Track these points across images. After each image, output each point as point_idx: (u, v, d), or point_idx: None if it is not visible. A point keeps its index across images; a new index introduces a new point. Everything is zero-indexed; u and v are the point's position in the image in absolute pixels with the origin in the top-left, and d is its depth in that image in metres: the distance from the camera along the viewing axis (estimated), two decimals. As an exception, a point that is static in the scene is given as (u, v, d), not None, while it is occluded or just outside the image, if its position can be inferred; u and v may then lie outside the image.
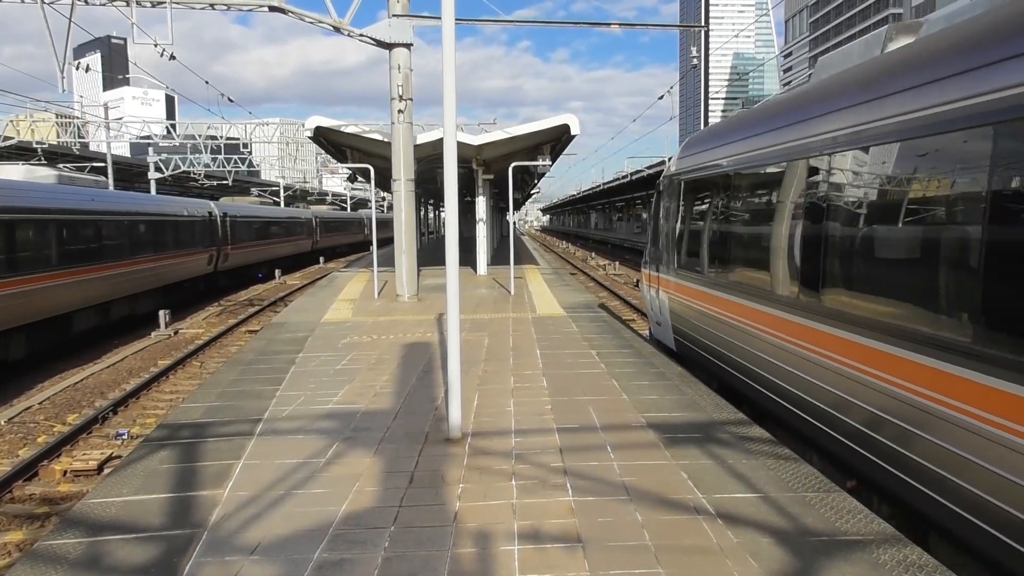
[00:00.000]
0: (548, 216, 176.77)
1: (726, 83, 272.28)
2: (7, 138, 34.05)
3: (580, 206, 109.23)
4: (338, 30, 16.21)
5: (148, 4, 15.67)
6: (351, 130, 19.40)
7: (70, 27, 15.16)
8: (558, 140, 21.83)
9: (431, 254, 33.00)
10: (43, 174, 19.18)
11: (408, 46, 16.51)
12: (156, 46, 15.89)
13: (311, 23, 16.32)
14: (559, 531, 4.77)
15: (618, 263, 44.94)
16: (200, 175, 46.69)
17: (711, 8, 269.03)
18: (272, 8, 16.01)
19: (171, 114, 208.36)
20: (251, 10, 16.31)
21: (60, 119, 43.39)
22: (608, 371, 9.45)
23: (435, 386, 8.81)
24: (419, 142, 18.75)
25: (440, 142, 16.94)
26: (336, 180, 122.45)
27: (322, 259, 51.69)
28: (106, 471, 9.37)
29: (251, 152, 47.56)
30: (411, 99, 16.78)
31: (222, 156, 44.75)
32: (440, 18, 6.59)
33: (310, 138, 20.25)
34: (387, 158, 17.38)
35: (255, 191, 61.80)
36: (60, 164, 36.94)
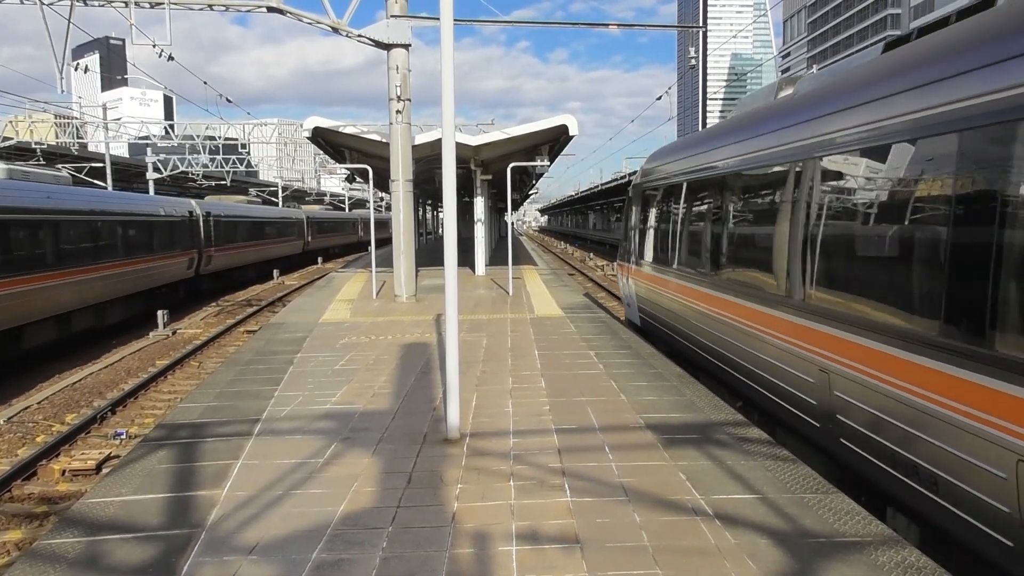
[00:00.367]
0: (546, 217, 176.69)
1: (724, 83, 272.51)
2: (6, 138, 34.03)
3: (578, 207, 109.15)
4: (336, 31, 16.21)
5: (147, 5, 15.67)
6: (349, 131, 19.40)
7: (69, 28, 15.17)
8: (556, 141, 21.84)
9: (429, 255, 33.00)
10: None
11: (406, 47, 16.51)
12: (154, 47, 15.89)
13: (309, 24, 16.32)
14: (557, 532, 4.78)
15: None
16: (198, 175, 46.65)
17: (709, 8, 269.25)
18: (270, 9, 16.02)
19: (169, 115, 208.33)
20: (249, 11, 16.31)
21: (59, 119, 43.37)
22: (606, 372, 9.46)
23: (433, 387, 8.81)
24: (417, 143, 18.76)
25: (438, 143, 17.02)
26: (335, 181, 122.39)
27: (320, 259, 51.71)
28: (105, 471, 9.38)
29: (249, 152, 47.57)
30: (409, 100, 16.78)
31: (220, 156, 44.69)
32: (438, 19, 6.59)
33: (308, 139, 20.26)
34: (385, 159, 17.38)
35: (253, 191, 61.78)
36: (59, 164, 36.97)
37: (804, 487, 5.45)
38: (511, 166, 19.18)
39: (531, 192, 64.87)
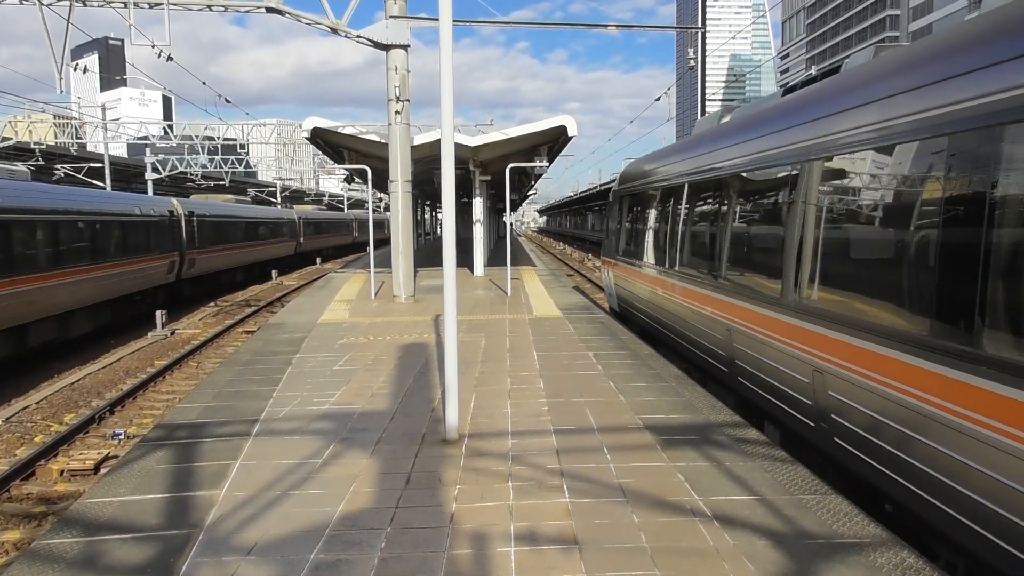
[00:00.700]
0: (545, 217, 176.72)
1: (723, 84, 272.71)
2: (5, 139, 33.99)
3: (577, 207, 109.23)
4: (335, 31, 16.21)
5: (146, 5, 15.67)
6: (348, 131, 19.40)
7: (68, 28, 15.15)
8: (555, 141, 21.85)
9: (428, 255, 33.00)
10: None
11: (405, 47, 16.51)
12: (153, 47, 15.89)
13: (308, 24, 16.31)
14: (556, 533, 4.78)
15: (615, 264, 44.91)
16: (197, 176, 46.62)
17: (708, 9, 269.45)
18: (269, 9, 16.02)
19: (168, 115, 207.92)
20: (248, 11, 16.32)
21: (58, 120, 43.35)
22: (605, 372, 9.47)
23: (432, 387, 8.81)
24: (416, 143, 18.76)
25: (437, 143, 17.01)
26: (333, 181, 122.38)
27: (319, 259, 51.66)
28: (103, 471, 9.37)
29: (248, 153, 47.53)
30: (408, 100, 16.78)
31: (219, 157, 44.63)
32: (437, 19, 6.60)
33: (307, 139, 20.27)
34: (384, 159, 17.38)
35: (252, 191, 61.73)
36: (58, 164, 36.98)
37: (803, 488, 5.46)
38: (510, 167, 19.19)
39: (530, 193, 64.79)
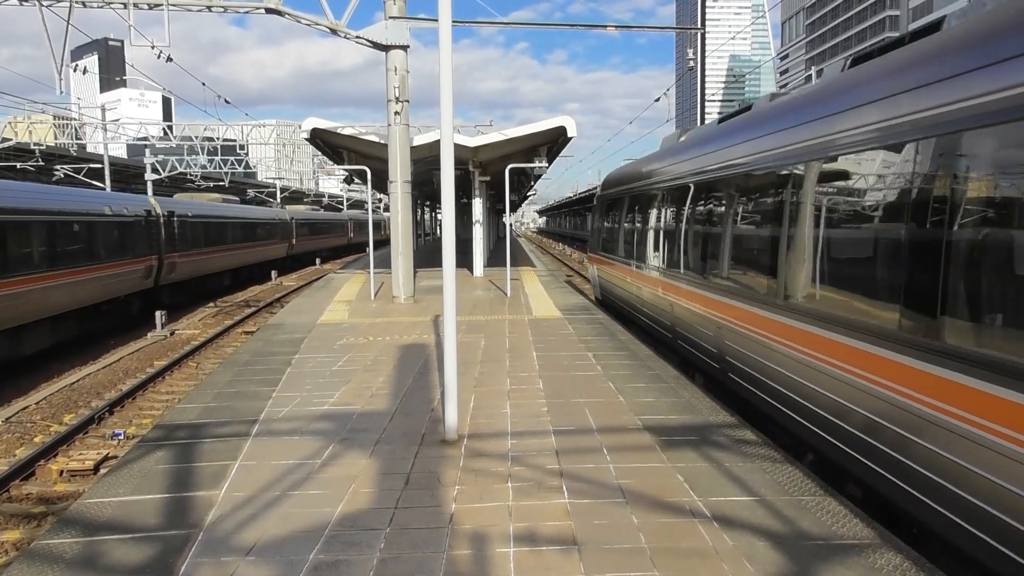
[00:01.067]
0: (544, 218, 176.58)
1: (723, 85, 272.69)
2: (5, 139, 33.96)
3: (576, 208, 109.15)
4: (335, 32, 16.21)
5: (145, 6, 15.67)
6: (348, 132, 19.41)
7: (68, 29, 15.14)
8: (555, 142, 21.85)
9: (428, 256, 33.00)
10: None
11: (405, 48, 16.51)
12: (153, 48, 15.88)
13: (308, 25, 16.31)
14: (555, 533, 4.78)
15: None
16: (197, 176, 46.62)
17: (708, 10, 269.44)
18: (269, 10, 16.01)
19: (168, 115, 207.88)
20: (248, 12, 16.31)
21: (57, 121, 43.33)
22: (604, 373, 9.47)
23: (431, 388, 8.82)
24: (416, 144, 18.76)
25: (436, 144, 17.02)
26: (333, 182, 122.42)
27: (319, 260, 51.60)
28: (102, 471, 9.37)
29: (248, 153, 47.52)
30: (408, 101, 16.79)
31: (219, 157, 44.64)
32: (437, 20, 6.60)
33: (307, 140, 20.25)
34: (384, 160, 17.38)
35: (251, 192, 61.71)
36: (58, 165, 36.97)
37: (802, 489, 5.46)
38: (509, 167, 19.19)
39: (529, 193, 64.77)
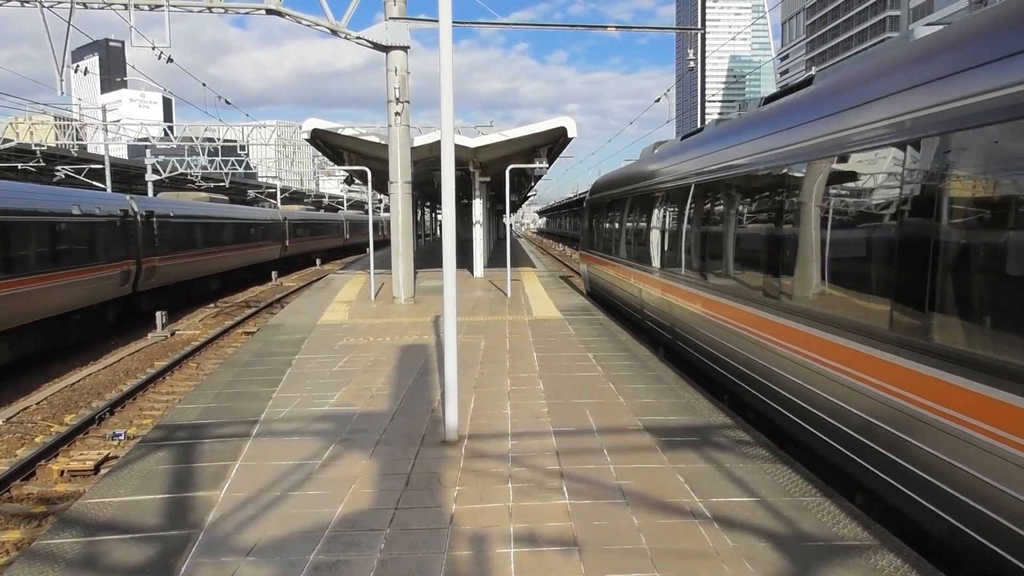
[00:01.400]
0: (544, 219, 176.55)
1: (723, 86, 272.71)
2: (6, 140, 34.04)
3: (576, 209, 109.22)
4: (335, 33, 16.22)
5: (146, 7, 15.67)
6: (348, 132, 19.41)
7: (69, 30, 15.15)
8: (555, 143, 21.86)
9: (428, 256, 33.01)
10: None
11: (405, 49, 16.51)
12: (154, 49, 15.90)
13: (308, 26, 16.32)
14: (555, 534, 4.78)
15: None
16: (197, 177, 46.66)
17: (708, 11, 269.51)
18: (269, 11, 16.02)
19: (168, 116, 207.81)
20: (248, 13, 16.33)
21: (58, 121, 43.38)
22: (604, 374, 9.47)
23: (432, 388, 8.82)
24: (416, 144, 18.76)
25: (437, 144, 17.03)
26: (333, 182, 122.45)
27: (319, 261, 51.56)
28: (103, 471, 9.37)
29: (248, 154, 47.57)
30: (408, 101, 16.79)
31: (219, 158, 44.69)
32: (437, 21, 6.60)
33: (307, 140, 20.26)
34: (384, 160, 17.38)
35: (251, 193, 61.73)
36: (59, 166, 37.00)
37: (803, 490, 5.46)
38: (510, 168, 19.20)
39: (530, 194, 64.81)
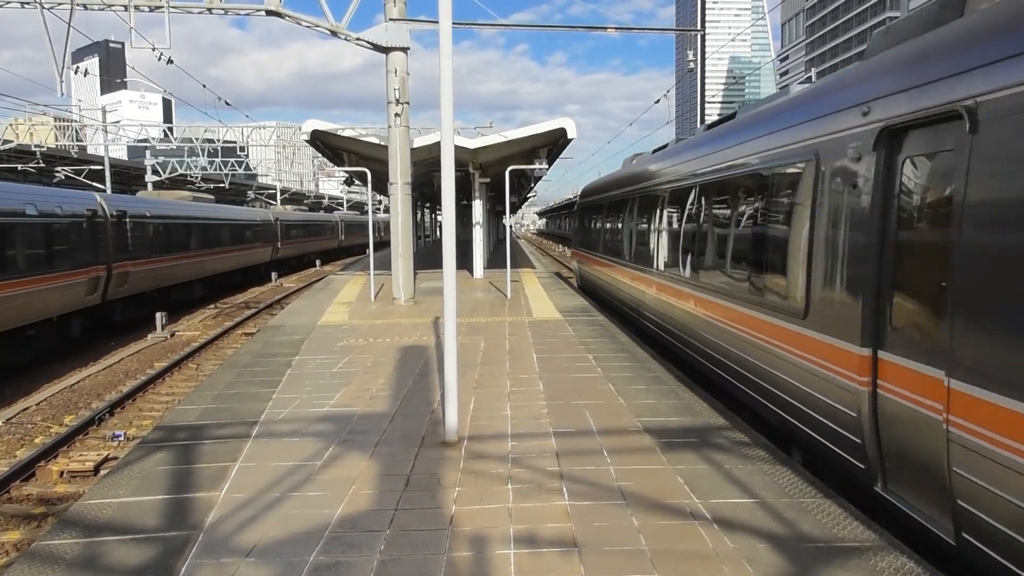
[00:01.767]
0: (544, 220, 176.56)
1: (722, 87, 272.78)
2: (6, 141, 34.06)
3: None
4: (335, 34, 16.22)
5: (146, 8, 15.68)
6: (348, 134, 19.42)
7: (69, 31, 15.15)
8: (555, 144, 21.88)
9: (427, 257, 33.00)
10: None
11: (405, 50, 16.52)
12: (154, 50, 15.90)
13: (308, 27, 16.33)
14: (555, 535, 4.78)
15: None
16: (197, 178, 46.70)
17: (708, 12, 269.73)
18: (269, 12, 16.03)
19: (168, 117, 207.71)
20: (248, 14, 16.33)
21: (58, 122, 43.39)
22: (604, 375, 9.47)
23: (431, 389, 8.81)
24: (416, 146, 18.77)
25: (437, 146, 17.06)
26: (333, 183, 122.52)
27: (319, 262, 51.53)
28: (103, 472, 9.37)
29: (248, 155, 47.60)
30: (408, 103, 16.80)
31: (219, 159, 44.73)
32: (437, 22, 6.60)
33: (307, 141, 20.26)
34: (384, 161, 17.38)
35: (251, 194, 61.74)
36: (59, 167, 37.02)
37: (803, 491, 5.46)
38: (509, 169, 19.20)
39: (529, 195, 64.78)
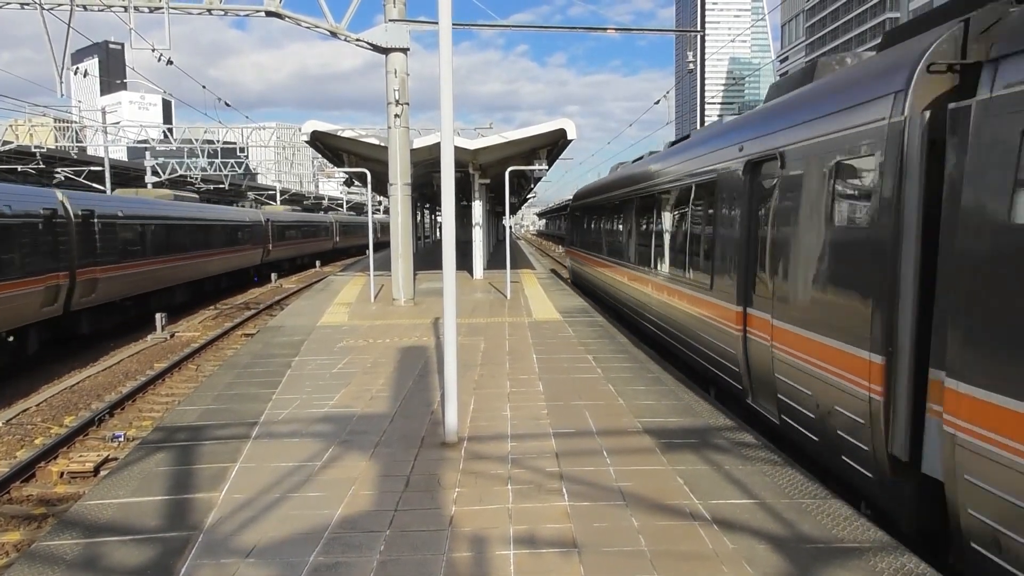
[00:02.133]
0: (544, 220, 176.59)
1: (722, 87, 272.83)
2: (6, 142, 34.07)
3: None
4: (335, 35, 16.23)
5: (146, 9, 15.69)
6: (348, 134, 19.41)
7: (68, 32, 15.15)
8: (555, 144, 21.87)
9: (427, 258, 33.01)
10: None
11: (405, 51, 16.52)
12: (153, 51, 15.90)
13: (308, 28, 16.33)
14: (555, 536, 4.78)
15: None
16: (197, 179, 46.71)
17: (707, 13, 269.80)
18: (269, 13, 16.04)
19: (168, 118, 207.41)
20: (248, 15, 16.34)
21: (58, 123, 43.41)
22: (604, 376, 9.47)
23: (431, 390, 8.81)
24: (416, 146, 18.76)
25: (437, 146, 17.08)
26: (333, 184, 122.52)
27: (319, 263, 51.50)
28: (103, 473, 9.37)
29: (248, 156, 47.60)
30: (407, 103, 16.80)
31: (219, 160, 44.74)
32: (437, 23, 6.61)
33: (307, 142, 20.24)
34: (384, 162, 17.38)
35: (251, 194, 61.73)
36: (58, 168, 37.01)
37: (802, 492, 5.46)
38: (509, 170, 19.20)
39: (529, 196, 64.77)
